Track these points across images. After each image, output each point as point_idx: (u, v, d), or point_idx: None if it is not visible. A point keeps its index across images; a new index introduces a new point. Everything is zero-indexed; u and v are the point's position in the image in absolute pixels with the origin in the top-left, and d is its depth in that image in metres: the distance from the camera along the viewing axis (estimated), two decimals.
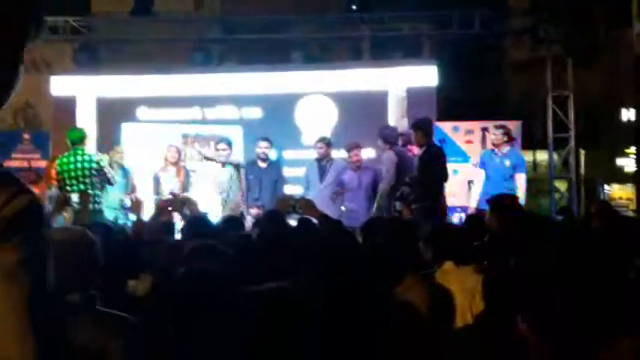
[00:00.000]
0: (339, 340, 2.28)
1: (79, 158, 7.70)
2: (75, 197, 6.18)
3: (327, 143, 9.20)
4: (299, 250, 3.69)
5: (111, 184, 8.09)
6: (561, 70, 11.33)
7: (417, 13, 12.12)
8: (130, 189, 9.29)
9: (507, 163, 9.11)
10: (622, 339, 2.34)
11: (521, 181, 9.05)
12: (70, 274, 2.39)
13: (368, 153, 9.95)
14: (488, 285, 3.46)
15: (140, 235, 4.44)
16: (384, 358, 2.45)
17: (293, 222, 6.12)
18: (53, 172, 8.36)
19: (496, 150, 9.20)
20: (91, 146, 9.75)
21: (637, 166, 10.28)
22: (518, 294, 2.32)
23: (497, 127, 9.35)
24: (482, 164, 9.35)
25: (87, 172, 7.64)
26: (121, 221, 8.58)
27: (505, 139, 9.17)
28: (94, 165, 7.70)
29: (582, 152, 15.46)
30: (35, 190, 8.80)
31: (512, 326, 2.57)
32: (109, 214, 8.43)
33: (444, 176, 7.65)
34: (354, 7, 11.74)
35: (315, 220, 4.69)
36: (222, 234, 4.31)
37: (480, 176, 9.26)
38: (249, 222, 7.02)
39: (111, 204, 8.67)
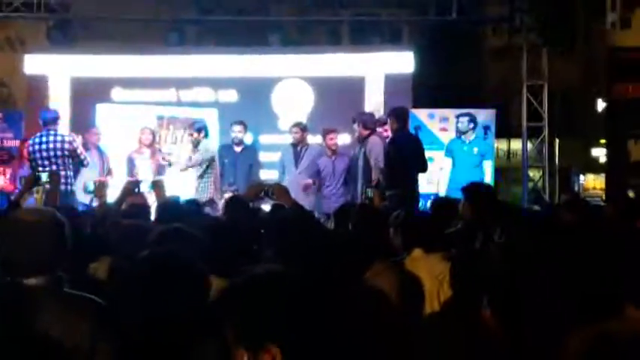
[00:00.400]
0: (306, 324, 2.27)
1: (51, 138, 7.59)
2: (45, 177, 6.10)
3: (303, 128, 9.17)
4: (267, 234, 3.69)
5: (84, 165, 8.00)
6: (537, 59, 11.39)
7: None
8: (106, 171, 9.20)
9: (475, 150, 9.21)
10: (588, 326, 2.37)
11: (488, 168, 9.18)
12: (39, 255, 2.37)
13: (343, 139, 9.95)
14: (455, 272, 3.48)
15: (105, 219, 4.40)
16: (351, 343, 2.45)
17: (266, 207, 6.12)
18: (26, 152, 8.25)
19: (463, 137, 9.29)
20: (64, 126, 9.66)
21: (607, 156, 10.41)
22: (484, 280, 2.34)
23: (464, 115, 9.44)
24: (449, 152, 9.42)
25: (59, 153, 7.54)
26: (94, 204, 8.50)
27: (471, 126, 9.27)
28: (67, 145, 7.60)
29: (557, 142, 15.60)
30: (7, 170, 8.73)
31: (479, 312, 2.60)
32: (83, 197, 8.37)
33: (420, 165, 7.60)
34: None
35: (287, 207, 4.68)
36: (193, 217, 4.29)
37: (446, 164, 9.34)
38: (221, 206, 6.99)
39: (88, 186, 8.59)
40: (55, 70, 11.13)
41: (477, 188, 5.13)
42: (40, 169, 7.40)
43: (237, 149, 9.21)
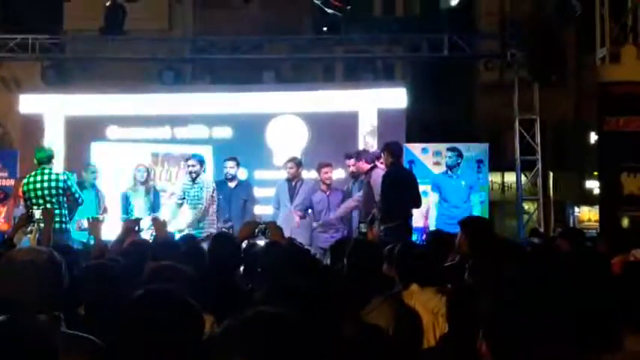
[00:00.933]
0: None
1: (46, 177, 7.58)
2: (38, 214, 6.09)
3: (298, 163, 9.20)
4: (262, 271, 3.69)
5: (79, 203, 7.99)
6: (529, 93, 11.52)
7: (389, 36, 12.26)
8: (101, 209, 9.20)
9: (463, 183, 9.29)
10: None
11: (475, 201, 9.25)
12: (36, 295, 2.37)
13: (338, 173, 9.98)
14: (452, 306, 3.48)
15: (101, 257, 4.39)
16: None
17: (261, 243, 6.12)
18: (20, 191, 8.25)
19: (449, 172, 9.36)
20: (59, 165, 9.70)
21: (599, 188, 10.45)
22: (480, 314, 2.34)
23: (452, 150, 9.51)
24: (436, 187, 9.45)
25: (53, 191, 7.53)
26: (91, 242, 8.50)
27: (459, 161, 9.35)
28: (61, 184, 7.58)
29: (551, 174, 15.67)
30: (2, 209, 8.71)
31: (475, 347, 2.59)
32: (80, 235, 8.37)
33: (413, 199, 7.61)
34: (325, 29, 11.80)
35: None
36: (189, 253, 4.29)
37: (433, 199, 9.37)
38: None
39: (82, 225, 8.59)
40: (50, 110, 11.21)
41: (474, 222, 5.15)
42: (35, 207, 7.38)
43: (231, 185, 9.21)
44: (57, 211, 7.27)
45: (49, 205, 7.37)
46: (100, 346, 2.41)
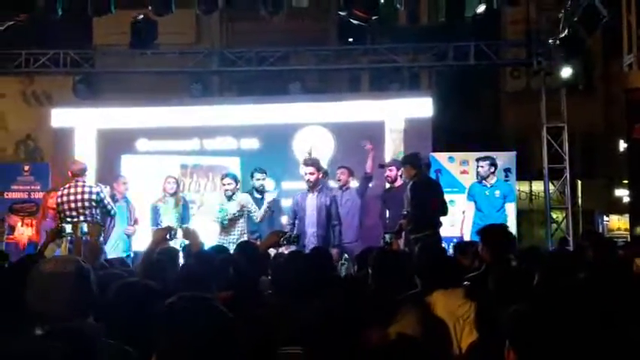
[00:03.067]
0: None
1: (80, 190, 7.71)
2: (69, 228, 6.21)
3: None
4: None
5: (111, 215, 8.12)
6: (556, 101, 11.45)
7: (414, 45, 12.27)
8: (132, 221, 9.34)
9: (497, 193, 9.25)
10: None
11: (510, 210, 9.22)
12: (65, 305, 2.42)
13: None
14: (480, 314, 3.50)
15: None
16: None
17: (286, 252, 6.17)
18: (51, 204, 8.39)
19: (484, 182, 9.33)
20: (90, 178, 9.87)
21: (630, 197, 10.34)
22: (505, 323, 2.36)
23: (484, 159, 9.48)
24: (471, 196, 9.44)
25: (87, 204, 7.65)
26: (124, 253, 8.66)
27: (492, 170, 9.32)
28: (94, 196, 7.71)
29: (579, 183, 15.52)
30: (34, 221, 8.86)
31: (503, 354, 2.60)
32: (118, 246, 8.54)
33: (440, 208, 7.63)
34: (350, 40, 11.86)
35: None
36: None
37: (469, 208, 9.37)
38: None
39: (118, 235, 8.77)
40: (81, 123, 11.37)
41: (492, 230, 5.16)
42: (68, 219, 7.50)
43: (258, 196, 9.26)
44: (90, 224, 7.38)
45: (81, 218, 7.50)
46: (133, 355, 2.46)
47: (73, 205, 7.63)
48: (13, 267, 4.76)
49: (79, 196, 7.66)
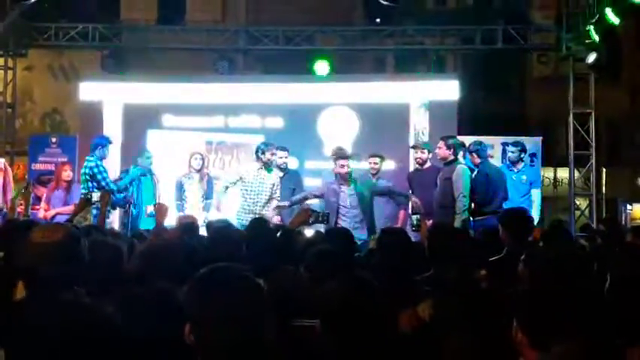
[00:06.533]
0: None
1: (85, 164, 8.24)
2: (95, 197, 6.30)
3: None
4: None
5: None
6: (584, 87, 11.34)
7: (441, 27, 12.19)
8: (158, 196, 9.39)
9: (524, 178, 9.19)
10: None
11: (535, 196, 9.17)
12: (59, 271, 2.48)
13: (388, 165, 10.01)
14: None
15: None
16: None
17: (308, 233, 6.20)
18: (64, 176, 8.63)
19: (512, 167, 9.28)
20: (116, 151, 9.99)
21: None
22: (517, 306, 2.37)
23: (515, 144, 9.42)
24: None
25: (83, 177, 8.21)
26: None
27: (522, 155, 9.27)
28: (87, 170, 8.12)
29: (604, 170, 15.40)
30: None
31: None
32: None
33: (504, 194, 8.00)
34: (377, 20, 11.82)
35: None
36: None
37: None
38: None
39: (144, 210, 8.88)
40: (109, 97, 11.45)
41: (512, 214, 5.17)
42: (84, 191, 7.73)
43: (280, 174, 9.27)
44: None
45: (83, 190, 7.73)
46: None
47: (81, 177, 8.28)
48: None
49: (82, 170, 8.31)
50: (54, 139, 11.70)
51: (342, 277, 2.49)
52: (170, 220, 6.69)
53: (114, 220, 9.23)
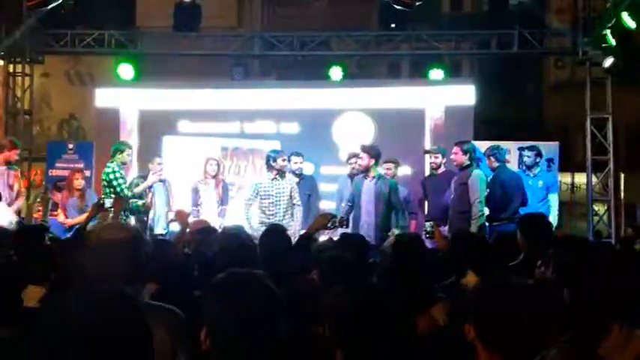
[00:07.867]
0: None
1: (104, 170, 8.38)
2: (109, 203, 6.41)
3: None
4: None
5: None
6: (601, 92, 11.25)
7: (457, 32, 12.15)
8: (172, 200, 9.43)
9: (540, 183, 9.13)
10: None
11: (553, 201, 9.11)
12: (122, 270, 2.52)
13: (404, 170, 9.98)
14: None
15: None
16: None
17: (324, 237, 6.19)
18: (76, 185, 8.72)
19: (528, 172, 9.22)
20: (132, 157, 10.01)
21: None
22: (471, 306, 2.33)
23: (531, 149, 9.37)
24: None
25: (103, 184, 8.35)
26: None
27: (538, 160, 9.22)
28: (104, 176, 8.30)
29: (622, 175, 15.27)
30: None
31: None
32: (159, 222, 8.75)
33: (522, 199, 8.09)
34: (392, 25, 11.79)
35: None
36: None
37: None
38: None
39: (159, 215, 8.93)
40: (125, 103, 11.51)
41: (530, 220, 5.12)
42: (103, 196, 7.86)
43: (296, 180, 9.27)
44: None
45: (103, 196, 7.82)
46: (182, 317, 2.52)
47: (102, 183, 8.43)
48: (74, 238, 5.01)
49: (102, 176, 8.46)
50: (71, 146, 11.77)
51: (351, 285, 2.48)
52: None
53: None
